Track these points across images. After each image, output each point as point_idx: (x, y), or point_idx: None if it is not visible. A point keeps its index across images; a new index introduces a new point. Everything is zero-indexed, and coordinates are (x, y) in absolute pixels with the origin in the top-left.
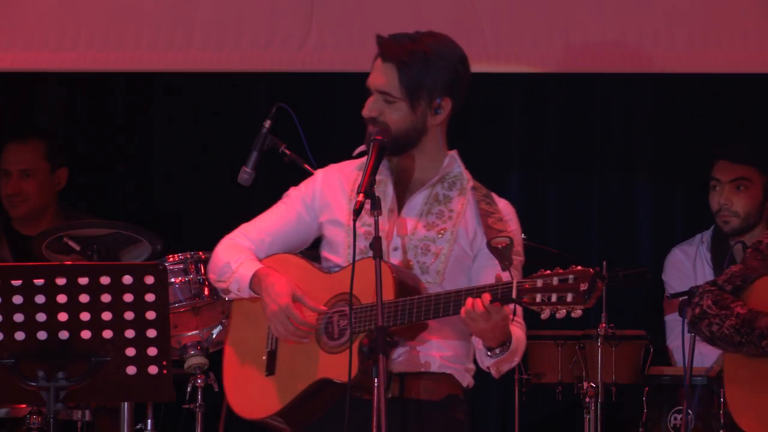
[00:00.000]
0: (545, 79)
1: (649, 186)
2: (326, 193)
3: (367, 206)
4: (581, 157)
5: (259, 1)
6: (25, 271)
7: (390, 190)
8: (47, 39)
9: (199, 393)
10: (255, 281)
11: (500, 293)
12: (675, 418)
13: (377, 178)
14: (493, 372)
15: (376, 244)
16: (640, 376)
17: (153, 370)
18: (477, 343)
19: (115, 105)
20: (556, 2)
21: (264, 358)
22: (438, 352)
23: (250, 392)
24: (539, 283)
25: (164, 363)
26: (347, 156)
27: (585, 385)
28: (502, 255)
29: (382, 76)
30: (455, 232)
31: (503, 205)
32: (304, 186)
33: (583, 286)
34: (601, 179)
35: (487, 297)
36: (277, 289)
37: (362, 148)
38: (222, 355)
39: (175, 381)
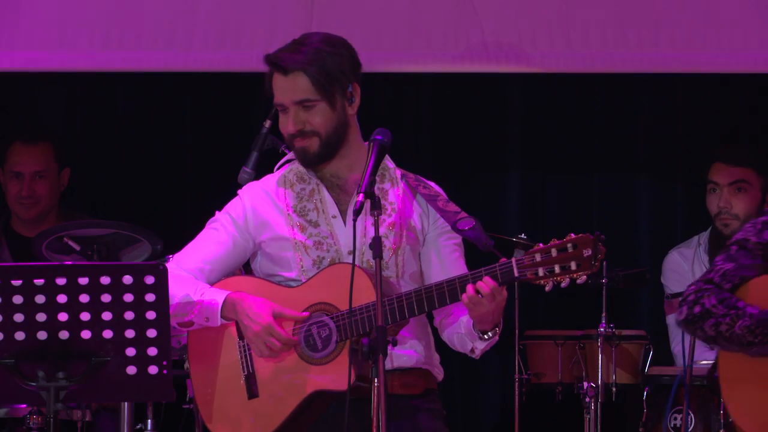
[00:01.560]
0: (546, 79)
1: (649, 186)
2: (259, 212)
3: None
4: (581, 157)
5: (259, 1)
6: (25, 271)
7: (327, 197)
8: (47, 39)
9: None
10: (227, 307)
11: (500, 274)
12: (675, 418)
13: (309, 187)
14: (476, 354)
15: (375, 244)
16: (640, 376)
17: (153, 370)
18: (462, 327)
19: (115, 105)
20: (556, 2)
21: (242, 382)
22: (412, 349)
23: (236, 420)
24: (538, 257)
25: (164, 363)
26: None
27: (585, 385)
28: (475, 236)
29: (293, 87)
30: (403, 224)
31: (436, 186)
32: (232, 209)
33: (587, 252)
34: (601, 179)
35: (489, 280)
36: (256, 310)
37: (284, 159)
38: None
39: (175, 381)
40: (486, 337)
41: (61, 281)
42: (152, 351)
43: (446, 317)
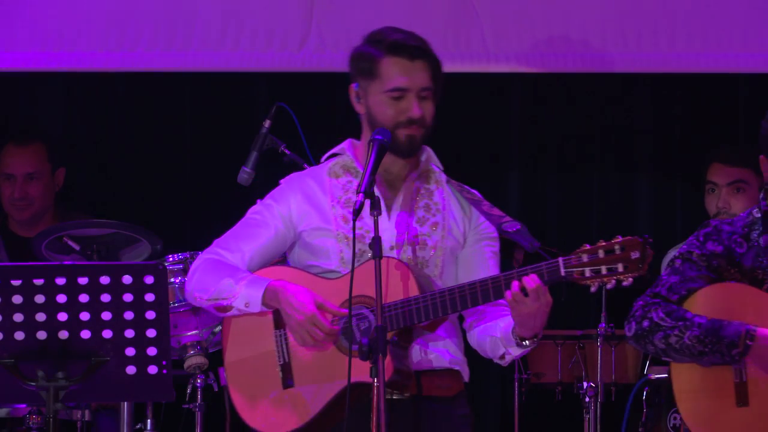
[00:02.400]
0: (545, 79)
1: (649, 186)
2: (303, 202)
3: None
4: (581, 156)
5: (259, 2)
6: (25, 271)
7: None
8: (47, 39)
9: (199, 393)
10: (269, 295)
11: (546, 272)
12: (675, 418)
13: (356, 180)
14: (506, 361)
15: (375, 244)
16: (640, 376)
17: (153, 369)
18: (498, 330)
19: (115, 105)
20: (556, 2)
21: (278, 371)
22: (446, 349)
23: (269, 407)
24: (585, 257)
25: (164, 363)
26: None
27: (585, 385)
28: (523, 237)
29: (420, 73)
30: (446, 225)
31: (478, 193)
32: (276, 197)
33: (635, 255)
34: (601, 179)
35: (535, 278)
36: (299, 299)
37: (331, 152)
38: (226, 375)
39: (175, 381)
40: (525, 344)
41: (60, 281)
42: (152, 351)
43: (479, 319)
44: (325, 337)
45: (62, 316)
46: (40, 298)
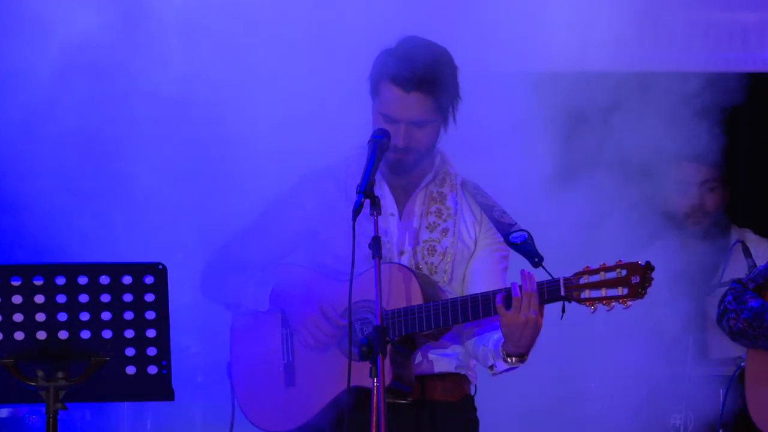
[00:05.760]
0: (543, 78)
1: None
2: (320, 201)
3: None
4: (579, 156)
5: None
6: (25, 271)
7: (387, 193)
8: None
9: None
10: (276, 295)
11: (546, 291)
12: (675, 418)
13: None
14: (494, 372)
15: (375, 244)
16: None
17: (152, 369)
18: (490, 342)
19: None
20: (555, 2)
21: (281, 369)
22: (453, 353)
23: (270, 405)
24: (587, 278)
25: (164, 363)
26: None
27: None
28: (528, 251)
29: (416, 106)
30: (456, 231)
31: (493, 196)
32: (293, 193)
33: (635, 279)
34: (600, 178)
35: (533, 284)
36: (305, 300)
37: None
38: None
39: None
40: (510, 361)
41: (60, 281)
42: (152, 351)
43: (476, 326)
44: (327, 340)
45: (62, 316)
46: (40, 298)
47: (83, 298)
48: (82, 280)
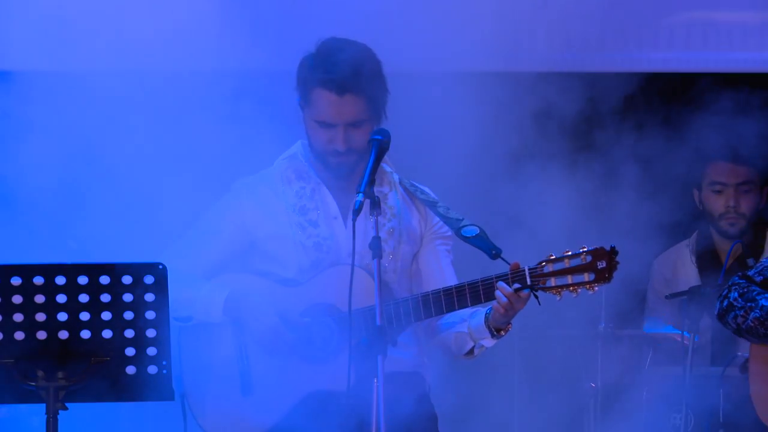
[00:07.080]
0: (540, 78)
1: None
2: (258, 209)
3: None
4: (577, 157)
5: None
6: (25, 271)
7: (329, 197)
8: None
9: None
10: (230, 304)
11: (512, 281)
12: (675, 418)
13: (309, 185)
14: (475, 354)
15: (375, 244)
16: (640, 376)
17: (153, 369)
18: (464, 326)
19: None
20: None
21: (236, 379)
22: (409, 352)
23: (227, 414)
24: (552, 267)
25: (164, 363)
26: None
27: (585, 385)
28: (482, 244)
29: (351, 108)
30: (402, 229)
31: (430, 191)
32: (229, 203)
33: (601, 264)
34: (598, 178)
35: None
36: (261, 308)
37: (284, 154)
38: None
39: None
40: (500, 334)
41: (60, 281)
42: (152, 351)
43: (437, 318)
44: (286, 347)
45: (62, 316)
46: (40, 298)
47: (83, 298)
48: (82, 280)
